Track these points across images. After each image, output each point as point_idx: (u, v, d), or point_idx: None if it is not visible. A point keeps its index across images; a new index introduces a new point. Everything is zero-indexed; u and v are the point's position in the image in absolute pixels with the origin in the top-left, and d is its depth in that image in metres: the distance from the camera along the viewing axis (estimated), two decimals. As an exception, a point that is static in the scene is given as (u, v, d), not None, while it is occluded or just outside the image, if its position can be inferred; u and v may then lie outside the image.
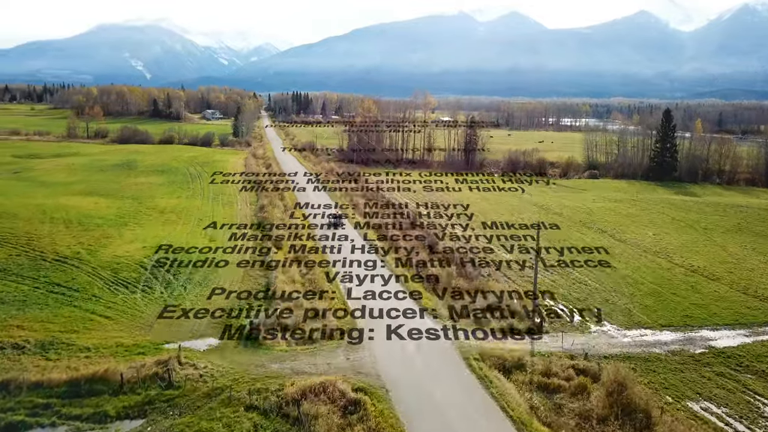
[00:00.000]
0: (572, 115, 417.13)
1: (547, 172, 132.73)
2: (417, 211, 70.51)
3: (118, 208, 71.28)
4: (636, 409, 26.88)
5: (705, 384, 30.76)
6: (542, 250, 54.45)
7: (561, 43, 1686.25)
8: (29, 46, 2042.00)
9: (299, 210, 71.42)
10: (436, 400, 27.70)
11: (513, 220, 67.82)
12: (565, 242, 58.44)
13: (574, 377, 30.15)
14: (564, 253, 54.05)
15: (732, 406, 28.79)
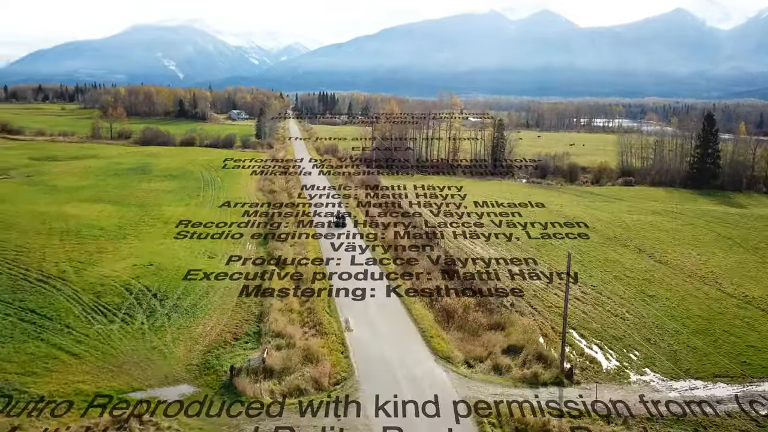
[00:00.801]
0: (605, 115, 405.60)
1: (578, 178, 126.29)
2: (437, 229, 65.13)
3: (121, 218, 67.68)
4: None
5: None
6: (575, 274, 48.88)
7: (593, 42, 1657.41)
8: (67, 46, 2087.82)
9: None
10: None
11: (546, 240, 61.92)
12: (600, 265, 52.56)
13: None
14: (597, 281, 48.15)
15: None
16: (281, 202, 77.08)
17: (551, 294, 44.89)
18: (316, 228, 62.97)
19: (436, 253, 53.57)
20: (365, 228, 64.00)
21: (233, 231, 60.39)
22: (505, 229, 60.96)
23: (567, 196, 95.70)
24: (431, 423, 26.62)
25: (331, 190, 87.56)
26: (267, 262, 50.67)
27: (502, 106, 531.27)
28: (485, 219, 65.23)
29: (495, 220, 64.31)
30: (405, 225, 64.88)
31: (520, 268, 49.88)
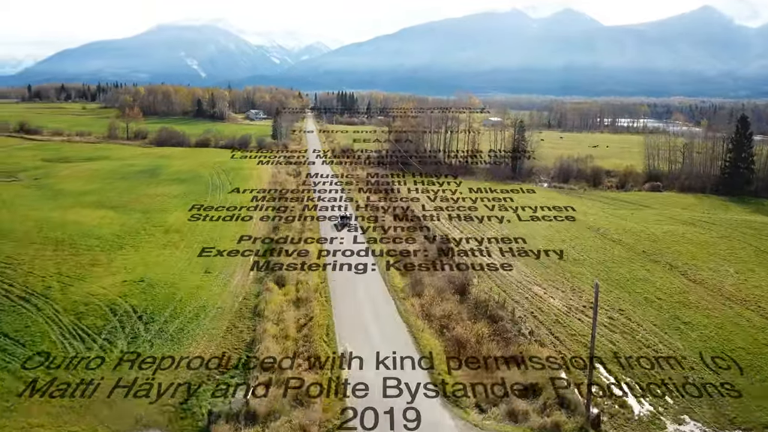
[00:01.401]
0: (629, 115, 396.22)
1: (602, 182, 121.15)
2: (450, 239, 61.11)
3: (122, 225, 64.80)
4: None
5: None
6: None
7: (617, 41, 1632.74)
8: (92, 46, 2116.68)
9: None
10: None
11: (569, 255, 57.53)
12: (629, 284, 48.12)
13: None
14: (626, 304, 43.73)
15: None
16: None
17: (574, 319, 40.69)
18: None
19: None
20: (375, 236, 60.35)
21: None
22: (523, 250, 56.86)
23: (590, 203, 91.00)
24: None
25: (341, 194, 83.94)
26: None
27: (523, 106, 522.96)
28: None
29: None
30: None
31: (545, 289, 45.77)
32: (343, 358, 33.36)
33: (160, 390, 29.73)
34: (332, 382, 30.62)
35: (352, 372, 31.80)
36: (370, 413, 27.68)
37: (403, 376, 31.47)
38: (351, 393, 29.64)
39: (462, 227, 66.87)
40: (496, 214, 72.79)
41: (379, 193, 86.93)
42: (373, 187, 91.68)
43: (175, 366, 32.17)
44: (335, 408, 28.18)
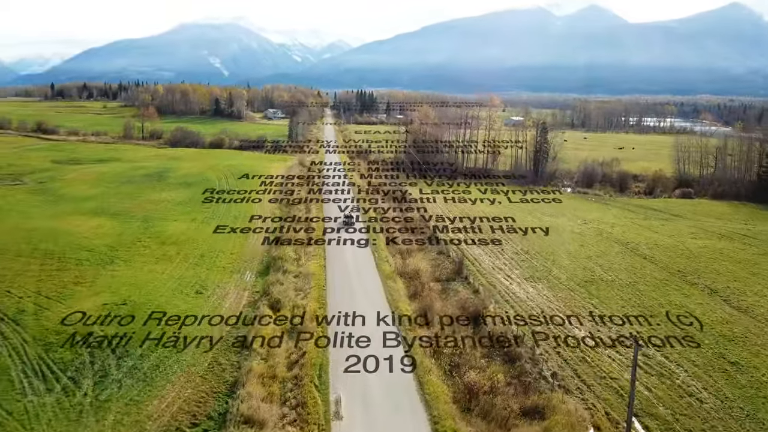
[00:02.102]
0: (656, 114, 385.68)
1: (629, 188, 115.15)
2: (468, 258, 56.48)
3: (118, 235, 61.19)
4: None
5: None
6: (633, 328, 39.81)
7: (643, 38, 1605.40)
8: (117, 44, 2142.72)
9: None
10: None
11: (595, 274, 52.49)
12: (664, 313, 43.02)
13: None
14: (662, 338, 38.66)
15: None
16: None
17: (603, 356, 35.78)
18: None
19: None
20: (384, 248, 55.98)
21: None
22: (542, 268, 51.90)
23: (617, 211, 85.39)
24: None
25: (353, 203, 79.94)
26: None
27: (546, 105, 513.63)
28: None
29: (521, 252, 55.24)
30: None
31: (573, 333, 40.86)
32: (337, 406, 29.00)
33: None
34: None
35: (342, 426, 27.43)
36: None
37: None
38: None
39: (469, 238, 62.10)
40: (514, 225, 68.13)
41: (391, 200, 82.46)
42: (385, 194, 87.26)
43: (133, 421, 27.98)
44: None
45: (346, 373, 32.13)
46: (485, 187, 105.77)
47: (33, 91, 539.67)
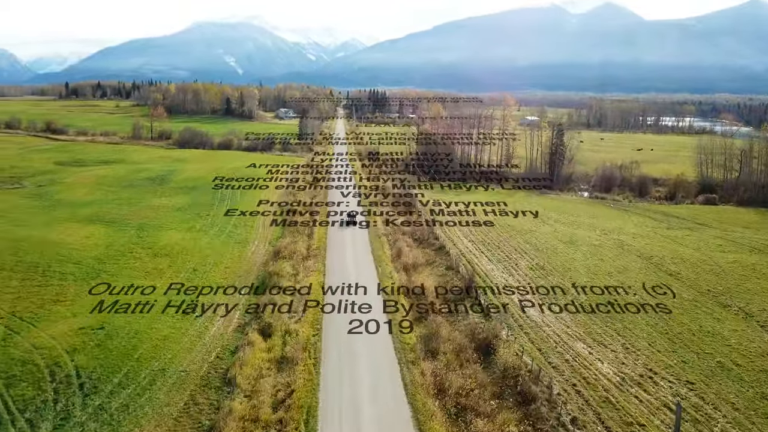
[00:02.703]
0: (673, 114, 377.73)
1: (649, 192, 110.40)
2: (473, 270, 52.59)
3: (108, 246, 57.98)
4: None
5: None
6: (662, 359, 35.66)
7: (660, 35, 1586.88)
8: (133, 43, 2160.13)
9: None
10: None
11: (618, 294, 48.33)
12: (695, 342, 38.82)
13: None
14: (697, 373, 34.43)
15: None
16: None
17: (630, 396, 31.65)
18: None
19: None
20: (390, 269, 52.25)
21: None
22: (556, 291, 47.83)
23: (638, 219, 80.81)
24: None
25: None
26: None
27: (561, 104, 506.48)
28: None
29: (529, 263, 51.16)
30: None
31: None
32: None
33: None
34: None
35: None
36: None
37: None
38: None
39: (490, 254, 58.07)
40: (529, 237, 64.00)
41: (399, 206, 78.67)
42: (395, 201, 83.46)
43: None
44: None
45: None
46: (498, 192, 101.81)
47: (47, 90, 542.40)
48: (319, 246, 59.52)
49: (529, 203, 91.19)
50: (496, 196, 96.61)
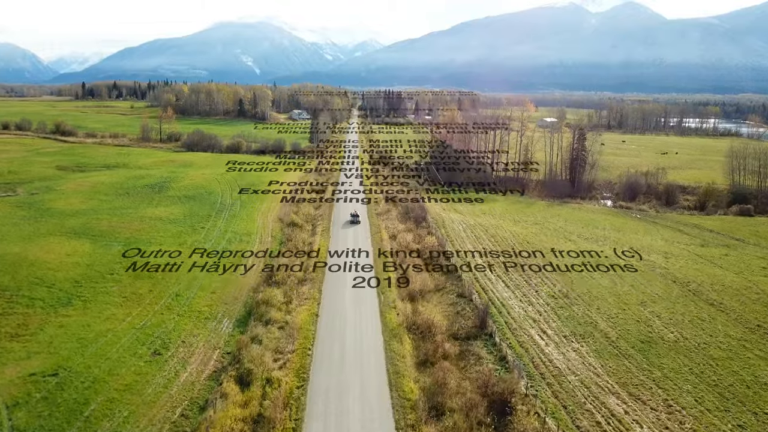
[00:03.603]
0: (697, 115, 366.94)
1: (677, 201, 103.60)
2: (488, 299, 46.87)
3: (89, 266, 53.10)
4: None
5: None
6: (709, 416, 29.64)
7: (682, 34, 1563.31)
8: (153, 44, 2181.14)
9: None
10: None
11: (653, 330, 42.29)
12: (750, 396, 32.72)
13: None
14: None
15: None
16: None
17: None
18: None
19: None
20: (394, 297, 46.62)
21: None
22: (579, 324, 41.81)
23: (667, 233, 74.38)
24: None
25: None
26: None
27: (580, 104, 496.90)
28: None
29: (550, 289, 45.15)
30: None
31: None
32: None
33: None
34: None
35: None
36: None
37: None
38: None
39: (506, 277, 52.22)
40: (548, 255, 58.01)
41: (409, 221, 72.92)
42: (405, 215, 77.70)
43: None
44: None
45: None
46: (517, 200, 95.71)
47: (64, 90, 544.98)
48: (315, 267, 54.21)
49: (551, 214, 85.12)
50: (515, 207, 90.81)
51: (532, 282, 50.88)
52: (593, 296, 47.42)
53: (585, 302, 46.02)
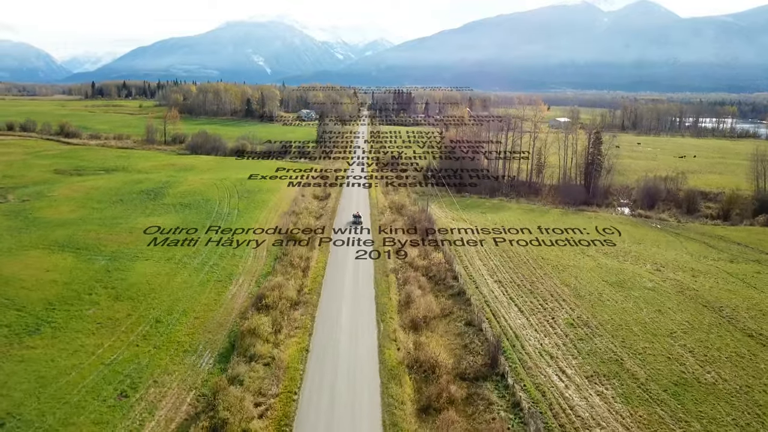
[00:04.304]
0: (713, 114, 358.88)
1: (699, 209, 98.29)
2: (500, 330, 42.30)
3: (67, 284, 49.07)
4: None
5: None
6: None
7: (696, 33, 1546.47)
8: (164, 43, 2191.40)
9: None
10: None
11: (687, 368, 37.58)
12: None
13: None
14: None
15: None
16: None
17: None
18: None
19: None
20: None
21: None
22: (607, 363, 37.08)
23: (693, 247, 69.30)
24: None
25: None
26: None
27: (592, 103, 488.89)
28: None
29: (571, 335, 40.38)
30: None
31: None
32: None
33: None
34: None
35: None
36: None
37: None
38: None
39: (520, 300, 47.55)
40: (563, 275, 53.19)
41: (415, 233, 68.34)
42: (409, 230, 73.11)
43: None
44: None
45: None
46: (530, 209, 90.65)
47: (75, 90, 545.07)
48: (313, 288, 49.83)
49: (565, 223, 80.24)
50: (528, 216, 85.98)
51: (548, 306, 46.20)
52: (616, 325, 42.68)
53: (608, 332, 41.29)
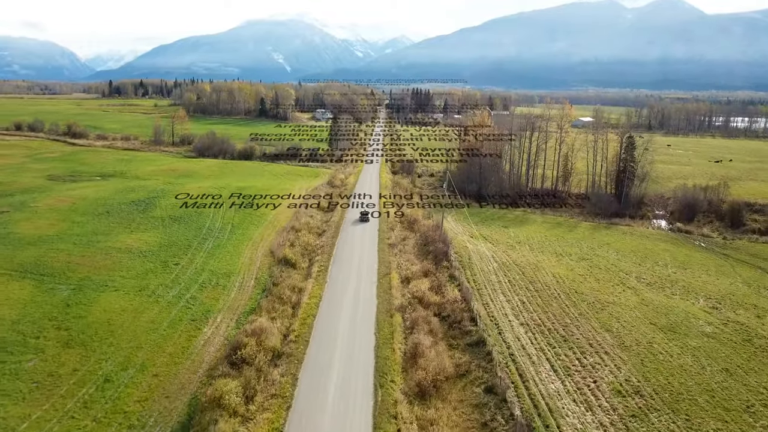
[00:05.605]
0: (744, 114, 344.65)
1: (744, 223, 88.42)
2: (531, 404, 33.84)
3: (14, 323, 41.84)
4: None
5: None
6: None
7: (722, 30, 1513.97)
8: (186, 41, 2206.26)
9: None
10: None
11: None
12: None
13: None
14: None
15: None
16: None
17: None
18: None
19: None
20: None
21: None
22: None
23: (747, 272, 60.21)
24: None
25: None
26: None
27: (615, 101, 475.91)
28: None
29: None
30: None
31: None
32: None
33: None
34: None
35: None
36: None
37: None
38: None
39: (552, 352, 38.94)
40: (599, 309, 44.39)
41: (427, 259, 59.83)
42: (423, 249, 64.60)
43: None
44: None
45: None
46: (557, 222, 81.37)
47: (92, 88, 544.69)
48: (301, 333, 41.74)
49: (598, 243, 71.27)
50: (555, 232, 77.15)
51: (588, 362, 37.54)
52: (676, 393, 33.94)
53: (666, 405, 32.56)
